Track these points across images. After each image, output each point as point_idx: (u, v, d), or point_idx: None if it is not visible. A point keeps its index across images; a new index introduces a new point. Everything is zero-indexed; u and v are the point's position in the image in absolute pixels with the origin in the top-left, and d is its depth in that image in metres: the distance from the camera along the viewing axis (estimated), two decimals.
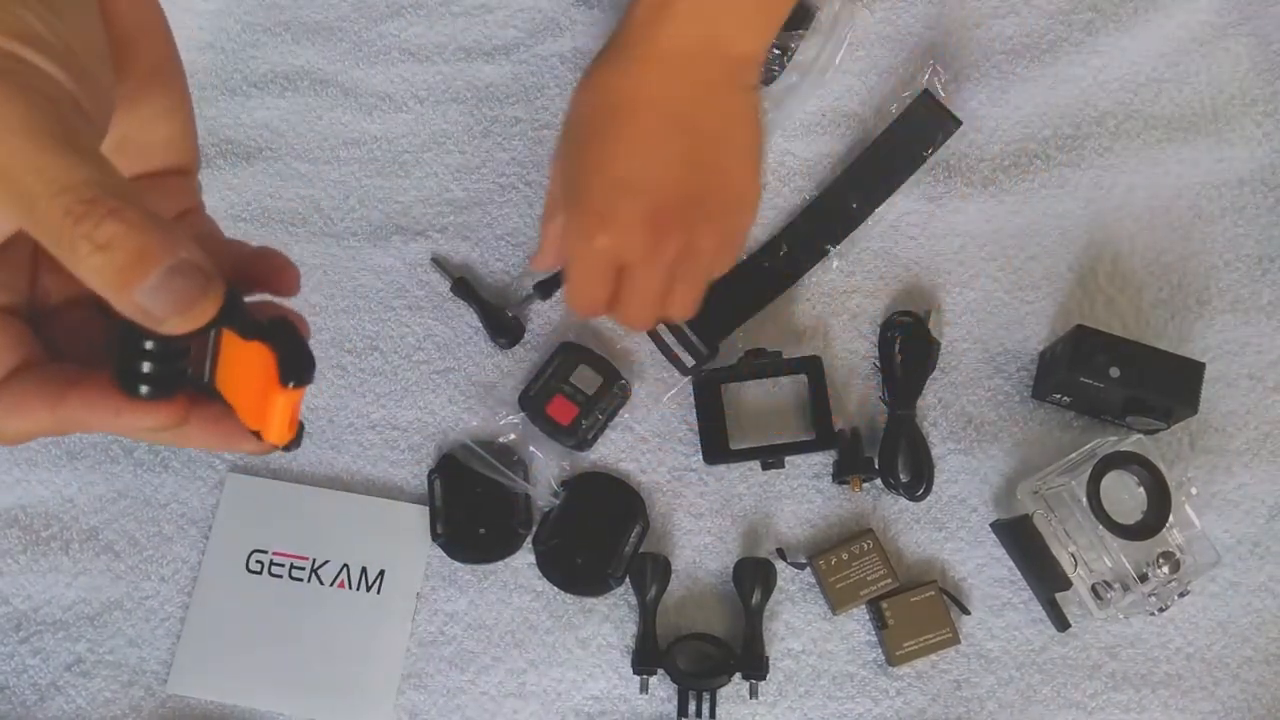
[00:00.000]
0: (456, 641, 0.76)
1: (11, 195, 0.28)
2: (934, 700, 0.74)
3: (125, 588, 0.77)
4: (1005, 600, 0.76)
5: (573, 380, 0.77)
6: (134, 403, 0.32)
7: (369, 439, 0.79)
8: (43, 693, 0.75)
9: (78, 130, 0.29)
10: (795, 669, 0.75)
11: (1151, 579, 0.70)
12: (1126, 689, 0.74)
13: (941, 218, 0.82)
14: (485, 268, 0.82)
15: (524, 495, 0.77)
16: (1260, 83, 0.84)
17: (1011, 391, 0.79)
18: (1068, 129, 0.83)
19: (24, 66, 0.29)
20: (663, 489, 0.78)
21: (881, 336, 0.79)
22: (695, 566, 0.77)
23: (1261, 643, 0.75)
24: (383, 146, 0.85)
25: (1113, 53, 0.84)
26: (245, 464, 0.79)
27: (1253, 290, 0.80)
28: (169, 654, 0.76)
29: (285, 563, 0.77)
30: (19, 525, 0.78)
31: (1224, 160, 0.82)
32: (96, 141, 0.31)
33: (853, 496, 0.78)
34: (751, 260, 0.81)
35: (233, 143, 0.85)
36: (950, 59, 0.85)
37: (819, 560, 0.75)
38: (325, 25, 0.87)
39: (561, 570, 0.76)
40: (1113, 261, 0.81)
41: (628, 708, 0.75)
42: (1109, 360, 0.72)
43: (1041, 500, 0.74)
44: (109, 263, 0.27)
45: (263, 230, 0.83)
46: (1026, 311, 0.80)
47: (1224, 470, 0.77)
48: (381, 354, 0.81)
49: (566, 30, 0.86)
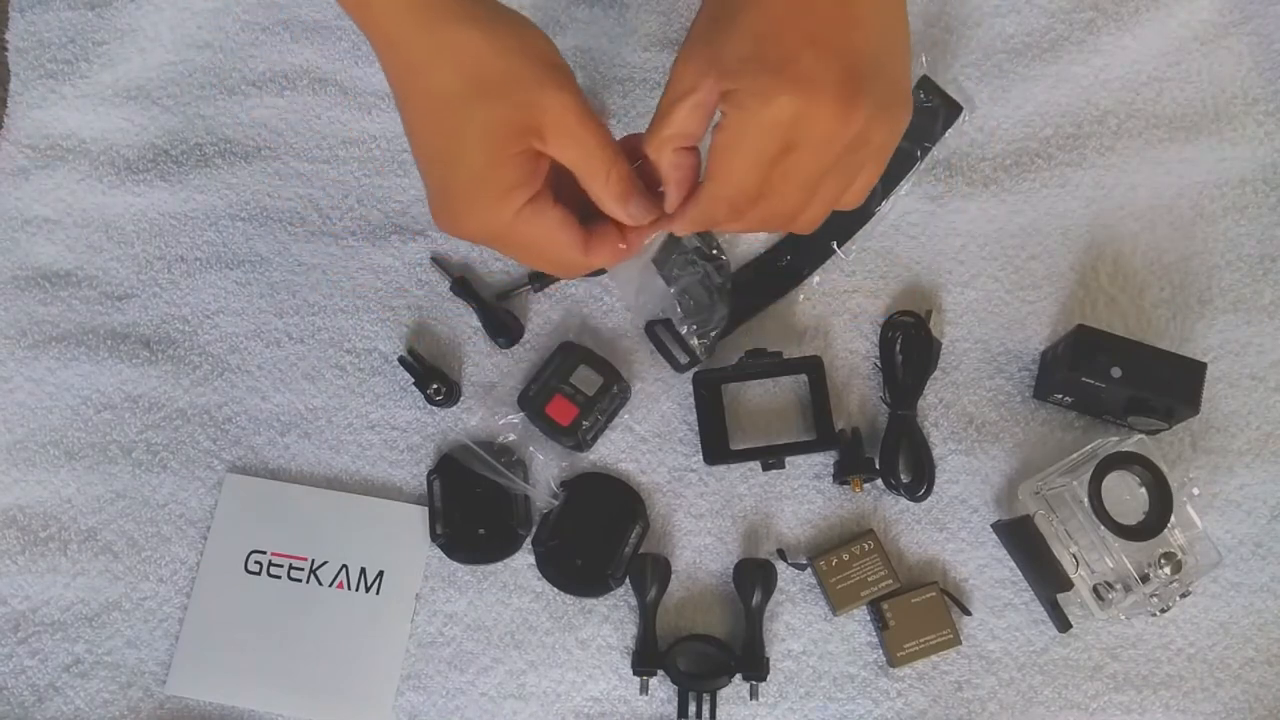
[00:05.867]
0: (456, 642, 0.76)
1: (581, 148, 0.52)
2: (935, 701, 0.74)
3: (123, 588, 0.77)
4: (1006, 601, 0.75)
5: (573, 380, 0.77)
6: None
7: (369, 439, 0.79)
8: (41, 694, 0.75)
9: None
10: (796, 670, 0.75)
11: (1153, 580, 0.70)
12: (1128, 690, 0.74)
13: (942, 217, 0.82)
14: (485, 267, 0.82)
15: (523, 496, 0.77)
16: (1262, 82, 0.84)
17: (1013, 391, 0.79)
18: (1069, 128, 0.83)
19: (568, 74, 0.52)
20: (663, 489, 0.78)
21: (882, 336, 0.79)
22: (695, 567, 0.77)
23: (1263, 643, 0.74)
24: (381, 146, 0.85)
25: (1114, 52, 0.84)
26: (244, 464, 0.79)
27: (1255, 290, 0.80)
28: (167, 655, 0.76)
29: (284, 563, 0.77)
30: (17, 526, 0.78)
31: (1226, 160, 0.82)
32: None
33: (853, 497, 0.77)
34: (754, 264, 0.80)
35: (231, 142, 0.85)
36: (951, 58, 0.84)
37: (820, 561, 0.74)
38: (324, 24, 0.87)
39: (561, 571, 0.76)
40: (1114, 261, 0.81)
41: (628, 709, 0.74)
42: (1110, 360, 0.72)
43: (1043, 501, 0.74)
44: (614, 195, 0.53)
45: (261, 230, 0.83)
46: (1028, 311, 0.80)
47: (1226, 470, 0.77)
48: (381, 354, 0.81)
49: (567, 28, 0.86)
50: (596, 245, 0.55)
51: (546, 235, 0.54)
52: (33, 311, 0.82)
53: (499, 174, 0.52)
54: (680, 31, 0.85)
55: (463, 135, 0.51)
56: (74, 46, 0.86)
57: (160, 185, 0.84)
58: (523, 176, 0.52)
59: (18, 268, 0.83)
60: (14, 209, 0.84)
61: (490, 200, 0.53)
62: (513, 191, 0.52)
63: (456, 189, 0.53)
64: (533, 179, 0.52)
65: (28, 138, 0.85)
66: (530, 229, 0.54)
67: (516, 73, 0.50)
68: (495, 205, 0.53)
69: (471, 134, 0.51)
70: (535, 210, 0.53)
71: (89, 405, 0.80)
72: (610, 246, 0.56)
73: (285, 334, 0.81)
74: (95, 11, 0.87)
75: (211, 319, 0.82)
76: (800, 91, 0.49)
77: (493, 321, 0.80)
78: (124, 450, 0.79)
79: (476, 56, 0.50)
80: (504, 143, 0.51)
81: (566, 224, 0.54)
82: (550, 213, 0.54)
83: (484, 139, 0.51)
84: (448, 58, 0.51)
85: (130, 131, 0.85)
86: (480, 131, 0.51)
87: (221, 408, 0.80)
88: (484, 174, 0.52)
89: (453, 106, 0.51)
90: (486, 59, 0.50)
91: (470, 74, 0.50)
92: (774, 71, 0.49)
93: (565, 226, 0.54)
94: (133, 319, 0.82)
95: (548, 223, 0.54)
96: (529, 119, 0.50)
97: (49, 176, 0.85)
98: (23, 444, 0.80)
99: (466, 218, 0.54)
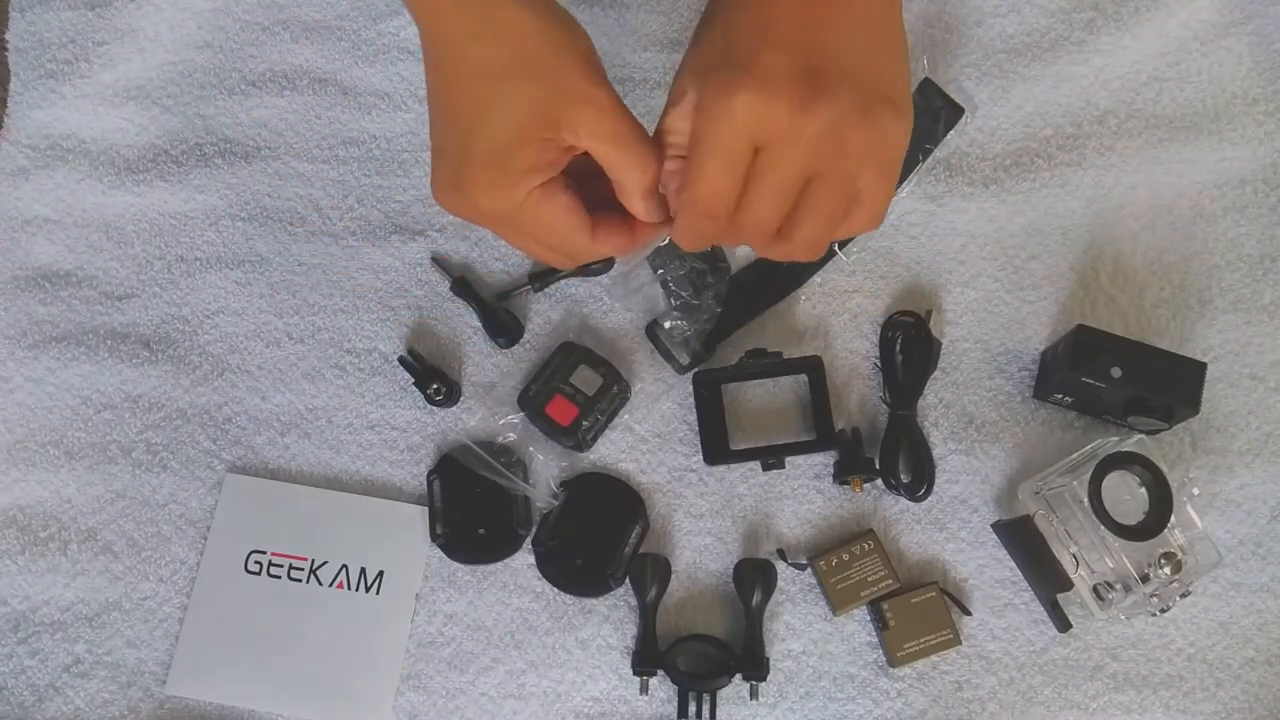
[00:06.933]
0: (456, 642, 0.76)
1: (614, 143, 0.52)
2: (935, 701, 0.74)
3: (123, 588, 0.77)
4: (1006, 601, 0.75)
5: (572, 380, 0.77)
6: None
7: (368, 439, 0.79)
8: (41, 694, 0.75)
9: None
10: (796, 670, 0.75)
11: (1153, 580, 0.70)
12: (1128, 690, 0.74)
13: (943, 217, 0.82)
14: (484, 267, 0.82)
15: (523, 496, 0.77)
16: (1262, 82, 0.84)
17: (1013, 391, 0.79)
18: (1069, 128, 0.83)
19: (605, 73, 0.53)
20: (663, 489, 0.78)
21: (882, 336, 0.79)
22: (695, 567, 0.77)
23: (1263, 643, 0.74)
24: (381, 146, 0.85)
25: (1114, 52, 0.84)
26: (244, 464, 0.79)
27: (1255, 290, 0.80)
28: (167, 655, 0.76)
29: (284, 563, 0.77)
30: (17, 526, 0.78)
31: (1226, 159, 0.82)
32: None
33: (853, 497, 0.77)
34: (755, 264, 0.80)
35: (231, 142, 0.85)
36: (951, 58, 0.84)
37: (820, 561, 0.74)
38: (324, 24, 0.87)
39: (561, 571, 0.76)
40: (1114, 261, 0.81)
41: (628, 709, 0.74)
42: (1110, 360, 0.72)
43: (1043, 501, 0.74)
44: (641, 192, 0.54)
45: (261, 230, 0.83)
46: (1028, 311, 0.80)
47: (1226, 470, 0.77)
48: (381, 354, 0.81)
49: None
50: (603, 233, 0.56)
51: (555, 219, 0.55)
52: (33, 311, 0.82)
53: (521, 153, 0.52)
54: (680, 31, 0.85)
55: (495, 107, 0.52)
56: (74, 46, 0.86)
57: (160, 185, 0.84)
58: (542, 161, 0.52)
59: (18, 268, 0.83)
60: (14, 209, 0.84)
61: (506, 178, 0.53)
62: (529, 173, 0.53)
63: (474, 161, 0.53)
64: (551, 166, 0.53)
65: (28, 138, 0.85)
66: (540, 211, 0.54)
67: (561, 60, 0.51)
68: (510, 183, 0.53)
69: (504, 107, 0.51)
70: (546, 193, 0.54)
71: (89, 405, 0.80)
72: (618, 236, 0.57)
73: (285, 334, 0.81)
74: (95, 11, 0.87)
75: (211, 319, 0.82)
76: (759, 87, 0.49)
77: (493, 321, 0.80)
78: (124, 450, 0.79)
79: (525, 36, 0.51)
80: (533, 124, 0.51)
81: (575, 209, 0.55)
82: (561, 197, 0.54)
83: (514, 115, 0.51)
84: (497, 33, 0.52)
85: (130, 131, 0.85)
86: (513, 107, 0.51)
87: (221, 408, 0.80)
88: (506, 149, 0.52)
89: (492, 79, 0.52)
90: (534, 41, 0.51)
91: (516, 50, 0.51)
92: (736, 67, 0.49)
93: (573, 211, 0.55)
94: (133, 319, 0.82)
95: (557, 207, 0.54)
96: (562, 107, 0.51)
97: (49, 176, 0.85)
98: (23, 444, 0.80)
99: (476, 192, 0.54)
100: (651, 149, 0.53)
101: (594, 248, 0.56)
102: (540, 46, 0.51)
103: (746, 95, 0.49)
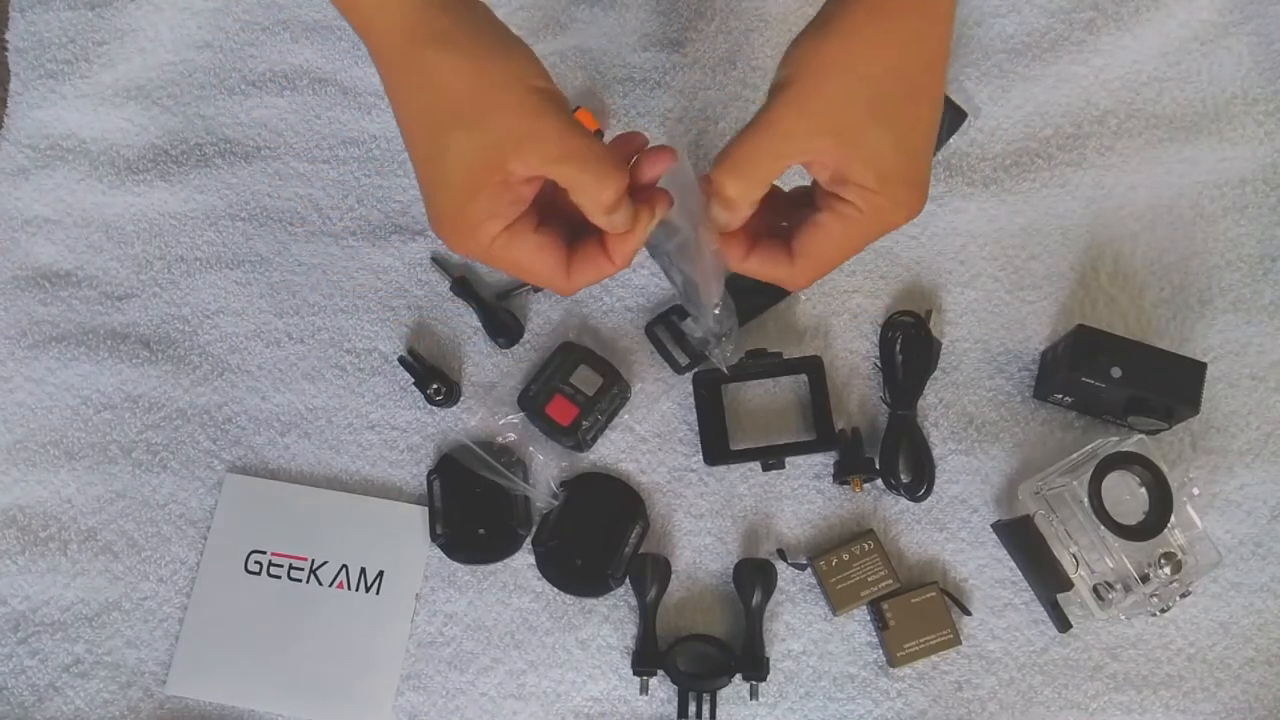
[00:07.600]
0: (456, 642, 0.76)
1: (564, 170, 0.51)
2: (935, 701, 0.74)
3: (123, 588, 0.77)
4: (1006, 601, 0.75)
5: (573, 380, 0.77)
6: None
7: (369, 439, 0.79)
8: (41, 694, 0.75)
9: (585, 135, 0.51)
10: (796, 670, 0.75)
11: (1153, 579, 0.70)
12: (1128, 690, 0.74)
13: (943, 217, 0.82)
14: (485, 267, 0.82)
15: (523, 496, 0.77)
16: (1262, 82, 0.84)
17: (1013, 391, 0.79)
18: (1069, 128, 0.83)
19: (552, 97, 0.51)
20: (663, 489, 0.78)
21: (882, 336, 0.79)
22: (695, 567, 0.77)
23: (1263, 643, 0.74)
24: (381, 145, 0.85)
25: (1114, 52, 0.84)
26: (244, 464, 0.79)
27: (1255, 290, 0.80)
28: (167, 655, 0.76)
29: (284, 563, 0.77)
30: (17, 526, 0.78)
31: (1226, 159, 0.82)
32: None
33: (853, 497, 0.77)
34: None
35: (231, 142, 0.85)
36: (951, 58, 0.84)
37: (820, 561, 0.74)
38: (324, 24, 0.87)
39: (561, 571, 0.76)
40: (1114, 261, 0.81)
41: (628, 709, 0.74)
42: (1110, 360, 0.72)
43: (1043, 501, 0.74)
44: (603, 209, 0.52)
45: (261, 230, 0.83)
46: (1028, 311, 0.80)
47: (1226, 470, 0.77)
48: (381, 354, 0.81)
49: (567, 28, 0.86)
50: (579, 266, 0.55)
51: (523, 259, 0.54)
52: (33, 311, 0.82)
53: (475, 204, 0.52)
54: (680, 31, 0.85)
55: (440, 162, 0.51)
56: (74, 46, 0.86)
57: (160, 185, 0.84)
58: (498, 207, 0.52)
59: (18, 268, 0.83)
60: (14, 209, 0.84)
61: (466, 228, 0.53)
62: (488, 221, 0.52)
63: (438, 212, 0.53)
64: (510, 208, 0.52)
65: (28, 138, 0.85)
66: (508, 254, 0.54)
67: (495, 99, 0.50)
68: (471, 232, 0.53)
69: (448, 161, 0.51)
70: (513, 236, 0.53)
71: (89, 405, 0.80)
72: (593, 265, 0.55)
73: (285, 334, 0.81)
74: (95, 11, 0.87)
75: (211, 319, 0.82)
76: (918, 207, 0.54)
77: (493, 321, 0.80)
78: (124, 450, 0.79)
79: (452, 84, 0.50)
80: (480, 172, 0.51)
81: (545, 249, 0.54)
82: (529, 239, 0.54)
83: (460, 167, 0.51)
84: (426, 85, 0.51)
85: (130, 131, 0.85)
86: (456, 158, 0.51)
87: (221, 408, 0.80)
88: (459, 203, 0.52)
89: (434, 132, 0.51)
90: (463, 87, 0.50)
91: (448, 101, 0.50)
92: (914, 185, 0.54)
93: (544, 251, 0.54)
94: (133, 319, 0.82)
95: (526, 248, 0.54)
96: (506, 147, 0.50)
97: (49, 176, 0.85)
98: (23, 444, 0.80)
99: (448, 240, 0.54)
100: (609, 162, 0.52)
101: (571, 285, 0.56)
102: (471, 90, 0.50)
103: (915, 213, 0.54)
